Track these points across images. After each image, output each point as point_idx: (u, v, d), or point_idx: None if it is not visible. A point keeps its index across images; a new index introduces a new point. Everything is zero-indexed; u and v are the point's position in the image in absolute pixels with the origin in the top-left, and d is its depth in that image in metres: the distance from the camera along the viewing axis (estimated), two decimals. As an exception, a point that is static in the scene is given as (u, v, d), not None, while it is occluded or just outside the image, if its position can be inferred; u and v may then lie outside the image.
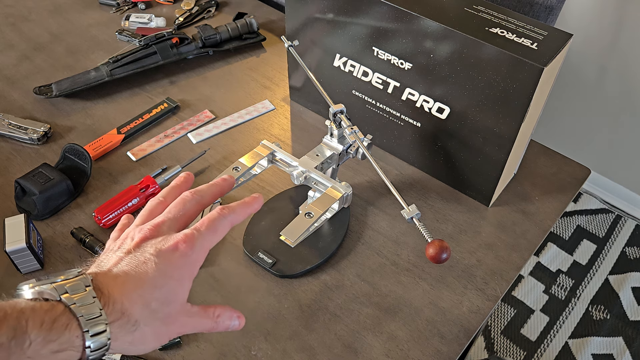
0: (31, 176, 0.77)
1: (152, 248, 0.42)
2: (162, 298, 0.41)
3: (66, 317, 0.36)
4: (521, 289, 1.60)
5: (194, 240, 0.43)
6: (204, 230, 0.44)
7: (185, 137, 0.89)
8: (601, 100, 1.63)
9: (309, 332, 0.66)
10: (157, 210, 0.48)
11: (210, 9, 1.16)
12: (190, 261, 0.43)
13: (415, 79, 0.74)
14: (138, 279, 0.40)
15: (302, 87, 0.92)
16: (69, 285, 0.37)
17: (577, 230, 1.75)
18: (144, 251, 0.42)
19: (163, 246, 0.42)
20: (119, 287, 0.39)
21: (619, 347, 1.48)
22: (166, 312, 0.41)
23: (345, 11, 0.75)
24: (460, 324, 0.67)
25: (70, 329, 0.36)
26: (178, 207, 0.46)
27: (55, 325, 0.35)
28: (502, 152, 0.72)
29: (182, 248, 0.42)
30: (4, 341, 0.33)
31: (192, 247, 0.43)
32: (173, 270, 0.41)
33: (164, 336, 0.42)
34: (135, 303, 0.39)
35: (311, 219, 0.60)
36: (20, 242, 0.67)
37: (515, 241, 0.76)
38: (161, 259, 0.41)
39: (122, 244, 0.44)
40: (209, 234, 0.44)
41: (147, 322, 0.40)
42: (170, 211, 0.46)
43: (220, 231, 0.45)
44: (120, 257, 0.42)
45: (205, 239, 0.44)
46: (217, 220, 0.45)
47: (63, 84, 0.96)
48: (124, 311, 0.39)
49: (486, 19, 0.67)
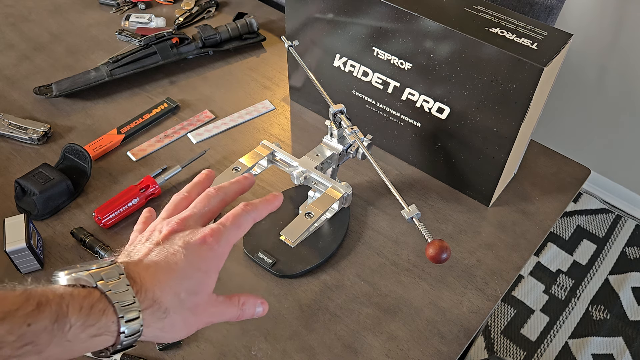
0: (31, 176, 0.77)
1: (181, 240, 0.43)
2: (191, 288, 0.42)
3: (103, 303, 0.37)
4: (521, 289, 1.60)
5: (220, 234, 0.45)
6: (229, 225, 0.46)
7: (185, 137, 0.89)
8: (601, 100, 1.63)
9: (309, 332, 0.66)
10: (181, 204, 0.49)
11: (210, 9, 1.16)
12: (216, 254, 0.44)
13: (415, 79, 0.74)
14: (168, 269, 0.42)
15: (302, 87, 0.92)
16: (104, 273, 0.39)
17: (577, 230, 1.75)
18: (173, 243, 0.43)
19: (191, 239, 0.44)
20: (150, 277, 0.41)
21: (619, 347, 1.48)
22: (194, 302, 0.43)
23: (345, 11, 0.75)
24: (460, 324, 0.67)
25: (107, 315, 0.37)
26: (203, 203, 0.48)
27: (93, 310, 0.37)
28: (502, 152, 0.72)
29: (209, 241, 0.44)
30: (47, 324, 0.35)
31: (218, 240, 0.44)
32: (200, 262, 0.43)
33: (193, 325, 0.44)
34: (166, 292, 0.41)
35: (311, 219, 0.60)
36: (20, 242, 0.67)
37: (515, 241, 0.76)
38: (189, 251, 0.43)
39: (150, 236, 0.45)
40: (234, 229, 0.46)
41: (177, 311, 0.41)
42: (195, 206, 0.48)
43: (244, 226, 0.47)
44: (150, 248, 0.43)
45: (231, 233, 0.46)
46: (241, 216, 0.47)
47: (63, 84, 0.96)
48: (155, 299, 0.40)
49: (486, 19, 0.67)
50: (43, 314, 0.35)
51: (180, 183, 0.82)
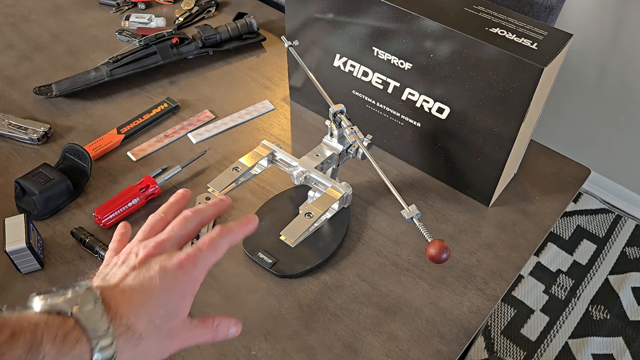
0: (31, 176, 0.77)
1: (157, 265, 0.43)
2: (166, 314, 0.42)
3: (77, 331, 0.37)
4: (521, 289, 1.60)
5: (197, 258, 0.45)
6: (205, 250, 0.45)
7: (185, 137, 0.89)
8: (601, 100, 1.63)
9: (309, 332, 0.66)
10: (158, 226, 0.49)
11: (210, 9, 1.16)
12: (192, 278, 0.44)
13: (415, 79, 0.74)
14: (144, 294, 0.42)
15: (302, 87, 0.92)
16: (79, 299, 0.39)
17: (577, 230, 1.75)
18: (149, 268, 0.43)
19: (168, 263, 0.44)
20: (125, 302, 0.41)
21: (619, 347, 1.48)
22: (169, 327, 0.43)
23: (345, 11, 0.75)
24: (460, 324, 0.67)
25: (80, 343, 0.37)
26: (180, 226, 0.48)
27: (67, 339, 0.37)
28: (502, 152, 0.72)
29: (185, 266, 0.44)
30: (20, 354, 0.34)
31: (194, 265, 0.44)
32: (177, 287, 0.43)
33: (167, 350, 0.44)
34: (141, 318, 0.41)
35: (311, 219, 0.60)
36: (20, 242, 0.67)
37: (515, 241, 0.76)
38: (166, 276, 0.43)
39: (127, 259, 0.45)
40: (210, 253, 0.46)
41: (151, 337, 0.41)
42: (172, 229, 0.48)
43: (220, 250, 0.47)
44: (126, 272, 0.43)
45: (207, 257, 0.45)
46: (217, 240, 0.47)
47: (63, 84, 0.96)
48: (129, 326, 0.40)
49: (486, 19, 0.67)
50: (17, 344, 0.34)
51: (180, 183, 0.82)
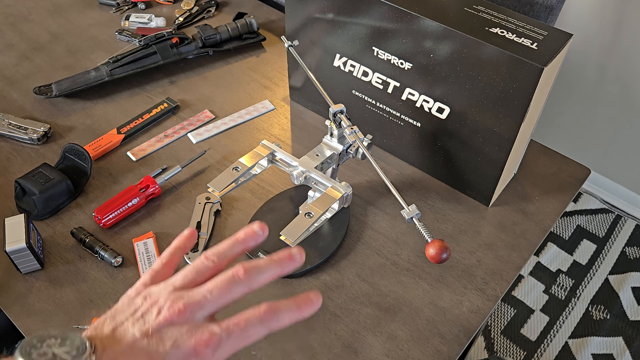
0: (31, 176, 0.77)
1: (170, 341, 0.37)
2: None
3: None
4: (521, 289, 1.60)
5: (219, 344, 0.38)
6: (235, 335, 0.38)
7: (185, 137, 0.89)
8: (601, 100, 1.63)
9: (309, 332, 0.66)
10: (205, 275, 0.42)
11: (210, 9, 1.16)
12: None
13: (415, 79, 0.74)
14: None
15: (302, 87, 0.92)
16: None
17: (577, 230, 1.75)
18: (160, 342, 0.37)
19: (182, 343, 0.37)
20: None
21: (619, 347, 1.48)
22: None
23: (345, 11, 0.75)
24: (460, 324, 0.67)
25: None
26: (224, 291, 0.40)
27: None
28: (502, 152, 0.72)
29: (202, 353, 0.37)
30: None
31: (213, 351, 0.37)
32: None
33: None
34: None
35: (311, 219, 0.60)
36: (20, 242, 0.67)
37: (515, 241, 0.76)
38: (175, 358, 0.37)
39: (147, 313, 0.39)
40: (239, 340, 0.38)
41: None
42: (212, 291, 0.39)
43: (252, 338, 0.39)
44: (136, 338, 0.38)
45: (233, 344, 0.38)
46: (255, 327, 0.39)
47: (63, 84, 0.96)
48: None
49: (486, 19, 0.67)
50: None
51: (180, 183, 0.82)
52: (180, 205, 0.79)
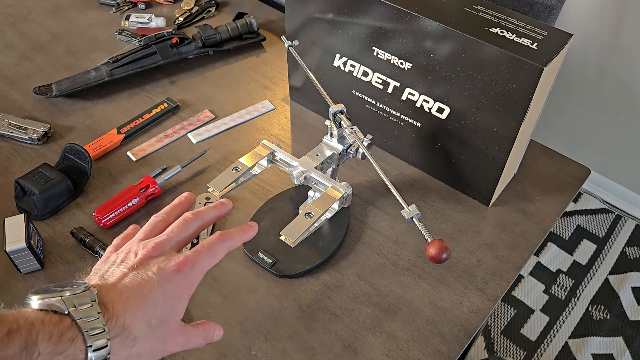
0: (31, 176, 0.77)
1: (155, 267, 0.44)
2: (162, 316, 0.43)
3: (73, 331, 0.38)
4: (521, 289, 1.60)
5: (195, 262, 0.45)
6: (204, 253, 0.46)
7: (185, 137, 0.89)
8: (601, 100, 1.63)
9: (309, 332, 0.66)
10: (159, 227, 0.50)
11: (210, 9, 1.16)
12: (189, 282, 0.45)
13: (415, 79, 0.74)
14: (141, 296, 0.42)
15: (302, 87, 0.92)
16: (76, 300, 0.39)
17: (577, 230, 1.75)
18: (147, 269, 0.44)
19: (165, 266, 0.44)
20: (123, 304, 0.41)
21: (619, 347, 1.48)
22: (164, 330, 0.43)
23: (345, 11, 0.75)
24: (460, 324, 0.67)
25: (75, 343, 0.38)
26: (180, 228, 0.49)
27: (62, 338, 0.37)
28: (502, 152, 0.72)
29: (183, 270, 0.45)
30: (16, 351, 0.35)
31: (192, 268, 0.45)
32: (174, 290, 0.44)
33: (159, 353, 0.44)
34: (138, 320, 0.41)
35: (311, 219, 0.60)
36: (20, 242, 0.67)
37: (515, 241, 0.76)
38: (163, 279, 0.44)
39: (126, 258, 0.46)
40: (208, 257, 0.47)
41: (146, 339, 0.42)
42: (172, 231, 0.48)
43: (218, 255, 0.48)
44: (124, 272, 0.44)
45: (205, 261, 0.46)
46: (216, 245, 0.48)
47: (63, 84, 0.96)
48: (125, 327, 0.40)
49: (486, 19, 0.67)
50: (12, 342, 0.35)
51: (180, 183, 0.82)
52: (180, 205, 0.79)
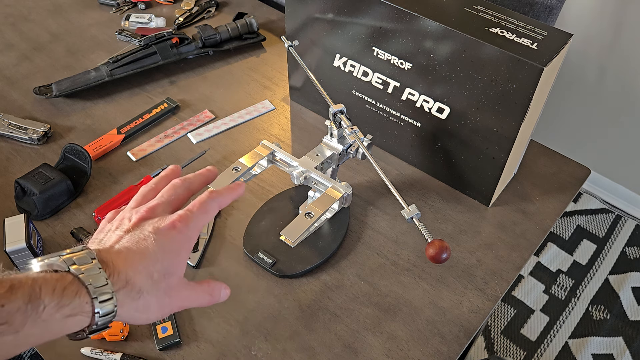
0: (31, 176, 0.77)
1: (150, 227, 0.45)
2: (163, 270, 0.44)
3: (76, 285, 0.39)
4: (521, 289, 1.60)
5: (188, 219, 0.47)
6: (196, 211, 0.48)
7: (185, 137, 0.89)
8: (601, 100, 1.63)
9: (309, 332, 0.66)
10: (149, 195, 0.51)
11: (210, 9, 1.16)
12: (185, 237, 0.46)
13: (415, 79, 0.74)
14: (140, 253, 0.43)
15: (302, 87, 0.92)
16: (76, 258, 0.40)
17: (577, 230, 1.75)
18: (143, 229, 0.45)
19: (160, 225, 0.46)
20: (122, 260, 0.42)
21: (619, 347, 1.48)
22: (167, 284, 0.45)
23: (345, 11, 0.75)
24: (460, 324, 0.67)
25: (80, 295, 0.39)
26: (170, 192, 0.50)
27: (66, 292, 0.38)
28: (502, 152, 0.72)
29: (178, 226, 0.46)
30: (20, 305, 0.36)
31: (187, 225, 0.46)
32: (171, 245, 0.45)
33: (167, 307, 0.45)
34: (139, 273, 0.42)
35: (311, 219, 0.60)
36: (20, 242, 0.67)
37: (515, 241, 0.76)
38: (159, 236, 0.45)
39: (120, 224, 0.47)
40: (201, 214, 0.48)
41: (150, 292, 0.43)
42: (162, 195, 0.50)
43: (210, 212, 0.49)
44: (120, 235, 0.45)
45: (198, 218, 0.48)
46: (207, 202, 0.49)
47: (63, 84, 0.96)
48: (128, 280, 0.42)
49: (486, 19, 0.67)
50: (16, 296, 0.36)
51: (180, 183, 0.82)
52: (180, 205, 0.79)
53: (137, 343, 0.64)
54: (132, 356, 0.62)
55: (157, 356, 0.63)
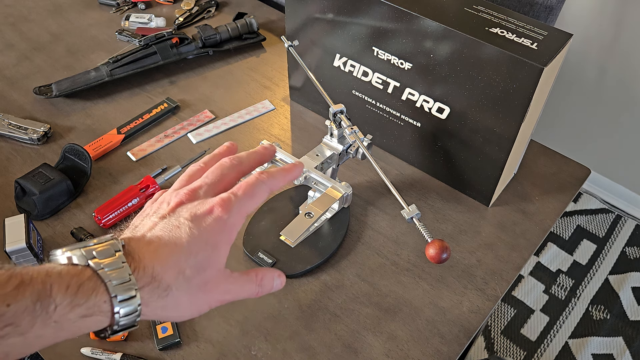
0: (31, 176, 0.77)
1: (187, 213, 0.41)
2: (197, 264, 0.40)
3: (93, 282, 0.35)
4: (521, 289, 1.60)
5: (231, 204, 0.42)
6: (241, 195, 0.42)
7: (185, 137, 0.89)
8: (601, 100, 1.63)
9: (309, 332, 0.66)
10: (196, 175, 0.46)
11: (210, 9, 1.16)
12: (226, 226, 0.41)
13: (415, 79, 0.74)
14: (172, 244, 0.39)
15: (302, 87, 0.92)
16: (98, 250, 0.37)
17: (577, 230, 1.75)
18: (179, 215, 0.41)
19: (198, 210, 0.41)
20: (151, 253, 0.38)
21: (619, 347, 1.48)
22: (202, 279, 0.40)
23: (345, 11, 0.75)
24: (460, 324, 0.67)
25: (97, 294, 0.35)
26: (215, 173, 0.45)
27: (81, 289, 0.34)
28: (502, 152, 0.72)
29: (217, 212, 0.41)
30: (28, 304, 0.33)
31: (228, 211, 0.41)
32: (208, 235, 0.40)
33: (204, 304, 0.41)
34: (168, 268, 0.38)
35: (311, 219, 0.60)
36: (20, 242, 0.67)
37: (515, 241, 0.76)
38: (196, 224, 0.40)
39: (159, 209, 0.43)
40: (246, 199, 0.43)
41: (181, 288, 0.39)
42: (207, 176, 0.45)
43: (258, 196, 0.44)
44: (155, 222, 0.41)
45: (243, 203, 0.42)
46: (255, 185, 0.44)
47: (63, 84, 0.96)
48: (154, 276, 0.38)
49: (486, 19, 0.67)
50: (23, 295, 0.33)
51: (180, 183, 0.82)
52: (180, 205, 0.78)
53: (137, 343, 0.64)
54: (132, 356, 0.62)
55: (157, 356, 0.63)
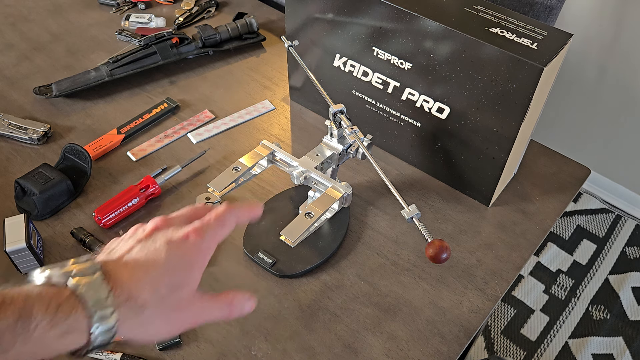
0: (31, 176, 0.77)
1: (164, 237, 0.43)
2: (172, 284, 0.41)
3: (72, 301, 0.37)
4: (521, 289, 1.60)
5: (204, 231, 0.44)
6: (212, 223, 0.45)
7: (185, 137, 0.89)
8: (601, 100, 1.63)
9: (309, 332, 0.66)
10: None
11: (210, 9, 1.16)
12: (201, 249, 0.43)
13: (415, 79, 0.74)
14: (148, 265, 0.41)
15: (302, 87, 0.92)
16: (77, 270, 0.38)
17: (577, 230, 1.75)
18: (155, 240, 0.43)
19: (174, 236, 0.43)
20: (128, 273, 0.40)
21: (619, 347, 1.48)
22: (176, 298, 0.42)
23: (345, 11, 0.75)
24: (460, 324, 0.67)
25: (76, 311, 0.36)
26: (190, 209, 0.48)
27: (61, 308, 0.36)
28: (502, 152, 0.72)
29: (192, 237, 0.43)
30: (10, 322, 0.34)
31: (202, 236, 0.43)
32: (182, 257, 0.42)
33: (177, 323, 0.43)
34: (145, 286, 0.40)
35: (311, 219, 0.60)
36: (20, 242, 0.67)
37: (515, 241, 0.76)
38: (172, 247, 0.42)
39: (134, 234, 0.44)
40: (218, 227, 0.45)
41: (157, 306, 0.40)
42: (182, 210, 0.48)
43: (227, 225, 0.46)
44: (132, 245, 0.43)
45: (215, 230, 0.45)
46: (224, 214, 0.46)
47: (63, 84, 0.96)
48: (130, 295, 0.39)
49: (486, 19, 0.67)
50: (5, 314, 0.34)
51: (180, 183, 0.82)
52: (180, 206, 0.79)
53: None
54: (132, 356, 0.62)
55: (157, 356, 0.63)
